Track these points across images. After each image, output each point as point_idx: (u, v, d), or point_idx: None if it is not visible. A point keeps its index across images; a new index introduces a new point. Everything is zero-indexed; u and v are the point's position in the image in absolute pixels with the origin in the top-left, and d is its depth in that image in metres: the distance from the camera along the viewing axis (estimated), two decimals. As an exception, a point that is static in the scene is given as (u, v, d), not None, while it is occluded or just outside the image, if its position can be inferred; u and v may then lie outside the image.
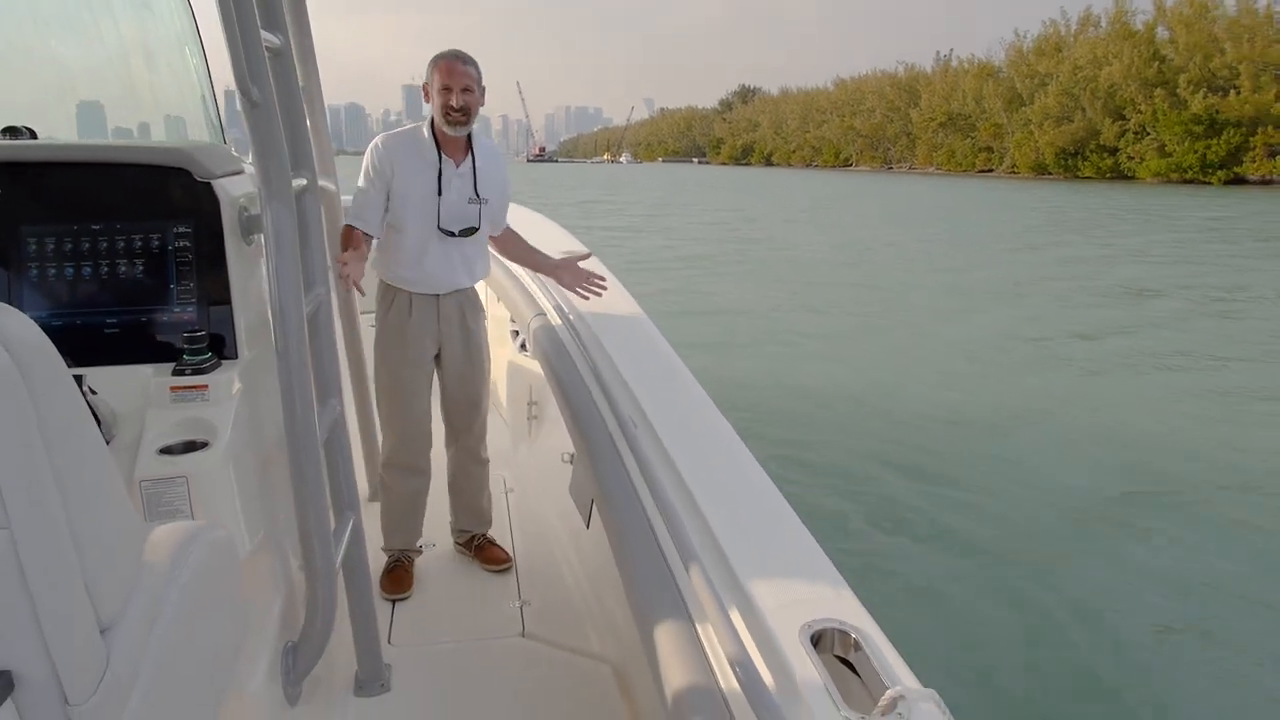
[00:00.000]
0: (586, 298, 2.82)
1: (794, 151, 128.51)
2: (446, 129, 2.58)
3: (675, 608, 1.41)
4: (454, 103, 2.53)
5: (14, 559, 0.84)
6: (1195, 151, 59.35)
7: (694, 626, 1.37)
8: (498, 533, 3.10)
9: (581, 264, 2.89)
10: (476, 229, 2.71)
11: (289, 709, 1.90)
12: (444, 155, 2.62)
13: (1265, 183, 56.32)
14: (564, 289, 2.90)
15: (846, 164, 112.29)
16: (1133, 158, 65.26)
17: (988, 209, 34.62)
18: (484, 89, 2.61)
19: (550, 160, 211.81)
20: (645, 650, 1.42)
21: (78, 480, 0.93)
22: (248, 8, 1.51)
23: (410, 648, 2.52)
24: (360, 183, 2.60)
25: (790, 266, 16.58)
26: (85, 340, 1.84)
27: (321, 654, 1.95)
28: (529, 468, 3.67)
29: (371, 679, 2.28)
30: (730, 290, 13.63)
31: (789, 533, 1.57)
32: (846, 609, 1.32)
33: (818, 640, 1.26)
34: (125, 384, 1.80)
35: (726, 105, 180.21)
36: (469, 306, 2.84)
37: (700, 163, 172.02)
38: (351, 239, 2.55)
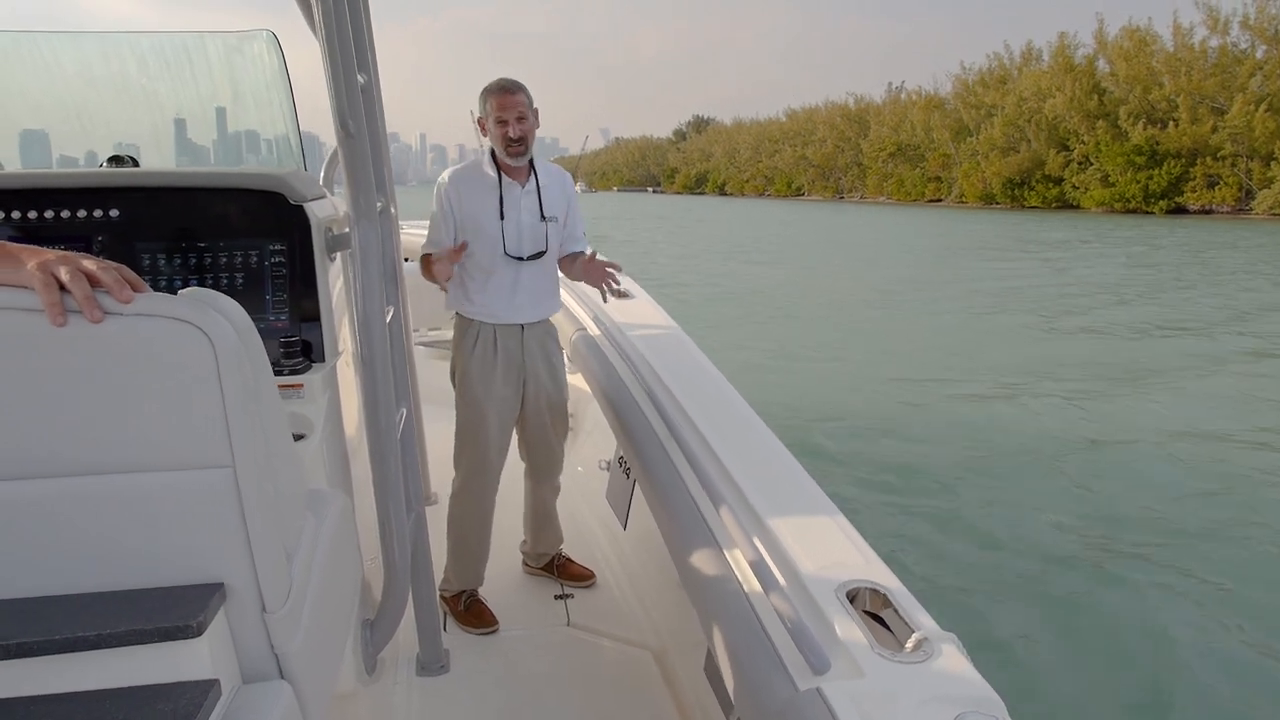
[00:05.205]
0: (616, 285, 2.84)
1: (747, 181, 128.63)
2: (508, 160, 2.62)
3: (727, 580, 1.60)
4: (512, 133, 2.57)
5: (235, 492, 1.02)
6: (1138, 182, 59.91)
7: (744, 593, 1.55)
8: None
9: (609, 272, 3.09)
10: (545, 252, 2.71)
11: (367, 677, 2.11)
12: (506, 179, 2.67)
13: (1205, 212, 57.10)
14: (592, 291, 3.01)
15: (799, 193, 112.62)
16: (1077, 187, 65.81)
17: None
18: (537, 112, 2.63)
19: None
20: (700, 618, 1.62)
21: (273, 434, 1.12)
22: (349, 52, 1.72)
23: (465, 635, 2.72)
24: (432, 220, 2.69)
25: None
26: None
27: (395, 630, 2.14)
28: (565, 476, 3.98)
29: (432, 660, 2.47)
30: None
31: (824, 512, 1.77)
32: (876, 572, 1.54)
33: (853, 597, 1.48)
34: None
35: (681, 135, 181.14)
36: (551, 340, 2.84)
37: (655, 192, 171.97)
38: (432, 263, 2.60)
